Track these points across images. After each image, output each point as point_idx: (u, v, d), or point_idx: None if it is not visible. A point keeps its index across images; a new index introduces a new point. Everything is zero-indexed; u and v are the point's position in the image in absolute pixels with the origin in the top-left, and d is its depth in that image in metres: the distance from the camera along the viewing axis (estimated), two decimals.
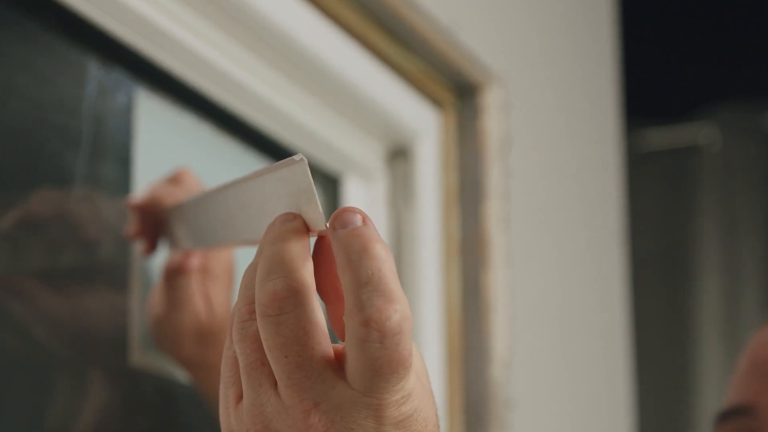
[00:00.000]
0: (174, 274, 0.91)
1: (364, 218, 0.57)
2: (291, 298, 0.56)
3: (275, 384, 0.58)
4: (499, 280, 1.33)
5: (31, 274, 0.87)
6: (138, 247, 0.94)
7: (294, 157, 0.57)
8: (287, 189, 0.59)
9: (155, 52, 0.98)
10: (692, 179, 2.84)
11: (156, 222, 0.91)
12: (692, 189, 2.84)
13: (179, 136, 1.04)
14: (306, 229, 0.59)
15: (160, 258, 0.94)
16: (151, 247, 0.92)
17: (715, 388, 2.72)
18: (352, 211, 0.57)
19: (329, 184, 1.25)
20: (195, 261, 0.91)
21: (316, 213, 0.57)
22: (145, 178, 0.98)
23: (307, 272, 0.57)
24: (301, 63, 1.10)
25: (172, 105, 1.04)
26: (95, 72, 0.95)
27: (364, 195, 1.27)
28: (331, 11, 1.12)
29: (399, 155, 1.29)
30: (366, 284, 0.55)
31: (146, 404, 0.97)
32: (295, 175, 0.58)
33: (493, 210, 1.33)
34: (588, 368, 1.62)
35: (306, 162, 0.57)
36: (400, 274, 1.27)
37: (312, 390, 0.56)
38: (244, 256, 0.97)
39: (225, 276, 0.94)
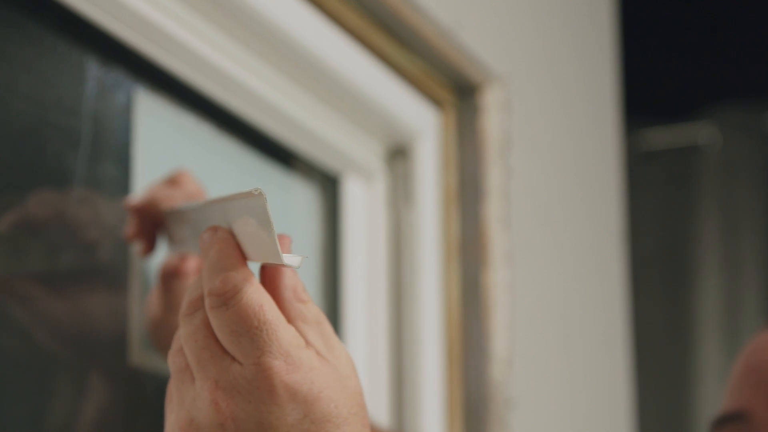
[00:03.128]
0: (170, 277, 0.91)
1: (216, 228, 0.67)
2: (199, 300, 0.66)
3: (194, 381, 0.65)
4: (499, 279, 1.33)
5: (30, 275, 0.87)
6: (136, 247, 0.94)
7: (252, 190, 0.62)
8: (249, 219, 0.64)
9: (155, 52, 0.97)
10: (692, 179, 2.84)
11: (154, 223, 0.91)
12: (692, 189, 2.84)
13: (179, 136, 1.04)
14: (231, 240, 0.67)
15: (159, 259, 0.94)
16: (149, 248, 0.92)
17: (715, 389, 2.72)
18: (208, 229, 0.67)
19: (329, 183, 1.25)
20: (191, 263, 0.91)
21: (272, 246, 0.63)
22: (145, 178, 0.98)
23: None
24: (301, 62, 1.10)
25: (171, 105, 1.04)
26: (95, 71, 0.95)
27: (364, 195, 1.27)
28: (331, 11, 1.12)
29: (399, 155, 1.29)
30: (209, 270, 0.65)
31: (146, 404, 0.97)
32: (255, 208, 0.63)
33: (493, 210, 1.33)
34: (588, 368, 1.62)
35: (264, 197, 0.62)
36: (400, 273, 1.27)
37: (213, 369, 0.63)
38: None
39: None
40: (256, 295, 0.63)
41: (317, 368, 0.64)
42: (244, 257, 0.65)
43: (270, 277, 0.67)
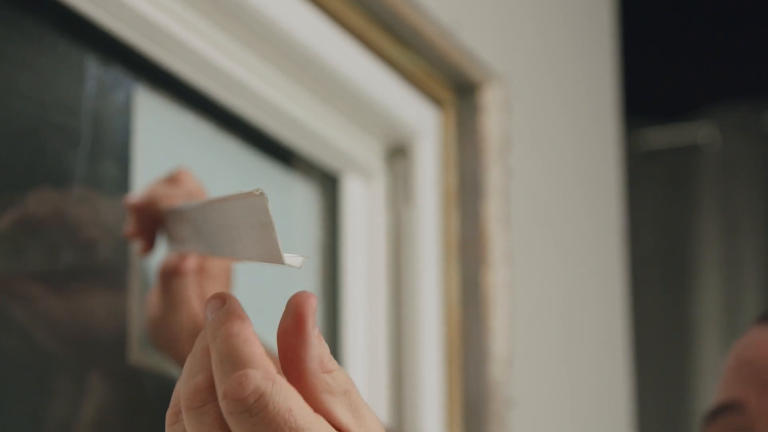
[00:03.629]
0: (170, 276, 0.91)
1: (225, 299, 0.58)
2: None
3: None
4: (498, 279, 1.33)
5: (30, 275, 0.87)
6: (136, 246, 0.94)
7: (254, 190, 0.59)
8: (252, 219, 0.61)
9: (154, 51, 0.97)
10: (692, 179, 2.84)
11: (154, 222, 0.91)
12: (692, 188, 2.84)
13: (179, 135, 1.04)
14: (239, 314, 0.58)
15: (159, 257, 0.94)
16: (149, 247, 0.92)
17: (715, 388, 2.72)
18: (214, 298, 0.58)
19: (329, 182, 1.25)
20: (191, 262, 0.91)
21: (274, 247, 0.59)
22: (145, 177, 0.98)
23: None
24: (301, 61, 1.10)
25: (171, 103, 1.03)
26: (94, 70, 0.95)
27: (364, 194, 1.27)
28: (331, 9, 1.12)
29: (399, 154, 1.29)
30: (220, 361, 0.56)
31: (146, 403, 0.96)
32: (256, 208, 0.60)
33: (493, 209, 1.33)
34: (588, 367, 1.62)
35: (265, 198, 0.58)
36: (400, 273, 1.27)
37: None
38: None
39: (222, 277, 0.94)
40: (282, 396, 0.55)
41: None
42: (257, 340, 0.57)
43: (293, 349, 0.58)
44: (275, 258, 0.60)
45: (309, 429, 0.56)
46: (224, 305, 0.58)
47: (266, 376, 0.55)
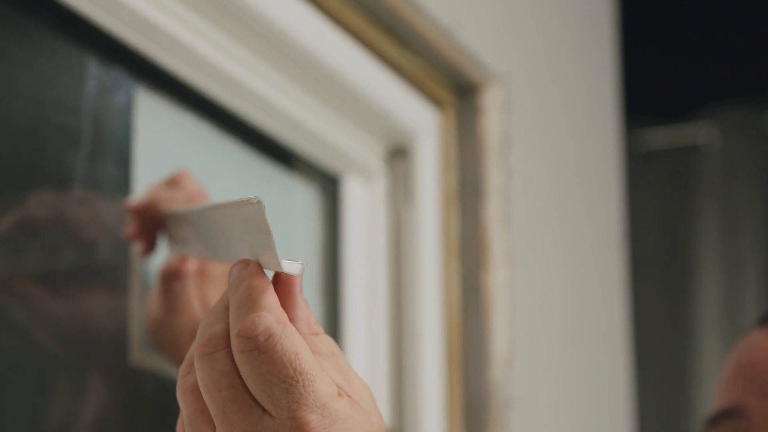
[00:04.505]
0: (171, 278, 0.91)
1: (248, 263, 0.63)
2: (221, 340, 0.60)
3: (214, 429, 0.60)
4: (498, 279, 1.33)
5: (31, 276, 0.87)
6: (136, 248, 0.94)
7: (251, 198, 0.60)
8: (249, 227, 0.62)
9: (155, 52, 0.97)
10: (692, 179, 2.84)
11: (154, 224, 0.91)
12: (692, 189, 2.84)
13: (179, 136, 1.04)
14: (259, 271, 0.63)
15: (159, 259, 0.94)
16: (150, 249, 0.92)
17: (715, 389, 2.72)
18: (239, 262, 0.63)
19: (329, 183, 1.25)
20: (192, 265, 0.91)
21: (272, 255, 0.61)
22: (145, 178, 0.98)
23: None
24: (301, 62, 1.10)
25: (172, 104, 1.03)
26: (95, 71, 0.95)
27: (364, 194, 1.27)
28: (331, 10, 1.12)
29: (399, 155, 1.29)
30: (238, 307, 0.60)
31: (146, 404, 0.97)
32: (254, 216, 0.61)
33: (493, 210, 1.33)
34: (588, 368, 1.62)
35: (263, 205, 0.59)
36: (400, 273, 1.27)
37: (243, 423, 0.59)
38: None
39: (222, 279, 0.94)
40: (291, 340, 0.58)
41: (352, 418, 0.60)
42: (275, 294, 0.61)
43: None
44: (274, 265, 0.61)
45: (312, 373, 0.58)
46: (248, 267, 0.62)
47: (278, 320, 0.59)
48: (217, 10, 1.00)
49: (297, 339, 0.59)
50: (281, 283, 0.62)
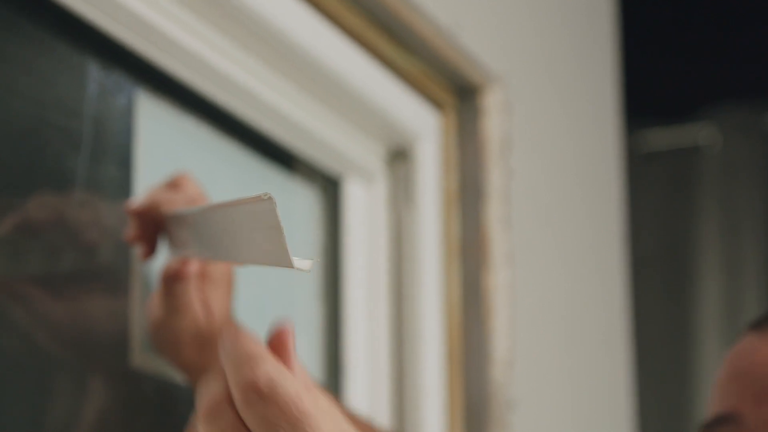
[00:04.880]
0: (172, 280, 0.91)
1: (237, 332, 0.63)
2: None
3: None
4: (499, 281, 1.33)
5: (32, 278, 0.87)
6: (137, 251, 0.94)
7: (261, 194, 0.60)
8: (257, 225, 0.63)
9: (156, 55, 0.98)
10: (693, 180, 2.84)
11: (155, 226, 0.91)
12: (693, 189, 2.84)
13: (180, 139, 1.04)
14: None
15: (160, 261, 0.94)
16: (150, 251, 0.92)
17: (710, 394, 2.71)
18: (230, 335, 0.63)
19: (329, 185, 1.25)
20: (193, 267, 0.91)
21: (283, 251, 0.61)
22: (146, 181, 0.98)
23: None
24: (302, 65, 1.10)
25: (172, 107, 1.04)
26: (96, 74, 0.95)
27: (365, 196, 1.27)
28: (331, 13, 1.12)
29: (399, 156, 1.29)
30: (233, 364, 0.61)
31: (147, 406, 0.97)
32: (264, 213, 0.61)
33: (494, 211, 1.33)
34: (588, 369, 1.62)
35: (273, 202, 0.60)
36: (401, 275, 1.27)
37: None
38: None
39: (224, 281, 0.94)
40: (290, 382, 0.60)
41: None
42: (263, 346, 0.63)
43: None
44: (284, 262, 0.62)
45: (315, 413, 0.60)
46: (238, 333, 0.62)
47: (276, 368, 0.60)
48: (217, 12, 1.00)
49: (294, 381, 0.61)
50: (275, 341, 0.63)
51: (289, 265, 0.62)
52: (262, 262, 0.65)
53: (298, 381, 0.61)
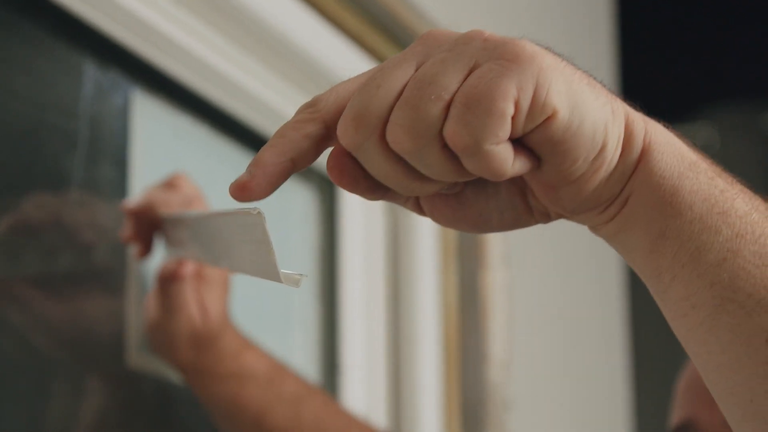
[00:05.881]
0: (168, 281, 0.91)
1: None
2: None
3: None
4: (496, 281, 1.33)
5: (28, 278, 0.87)
6: (133, 250, 0.94)
7: (251, 209, 0.60)
8: (248, 236, 0.62)
9: (152, 54, 0.97)
10: None
11: (151, 226, 0.91)
12: None
13: (176, 138, 1.04)
14: None
15: (157, 261, 0.94)
16: (146, 251, 0.92)
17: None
18: None
19: (326, 186, 1.25)
20: (189, 267, 0.91)
21: (271, 265, 0.61)
22: (142, 180, 0.98)
23: None
24: (299, 64, 1.10)
25: (169, 106, 1.03)
26: (92, 73, 0.95)
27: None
28: (329, 13, 1.12)
29: None
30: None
31: (144, 406, 0.97)
32: (254, 227, 0.61)
33: None
34: (586, 369, 1.62)
35: (263, 217, 0.59)
36: (398, 276, 1.27)
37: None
38: None
39: (220, 282, 0.94)
40: None
41: None
42: None
43: None
44: (273, 276, 0.61)
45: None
46: None
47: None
48: (214, 12, 1.00)
49: None
50: None
51: (278, 279, 0.61)
52: (252, 273, 0.65)
53: None
